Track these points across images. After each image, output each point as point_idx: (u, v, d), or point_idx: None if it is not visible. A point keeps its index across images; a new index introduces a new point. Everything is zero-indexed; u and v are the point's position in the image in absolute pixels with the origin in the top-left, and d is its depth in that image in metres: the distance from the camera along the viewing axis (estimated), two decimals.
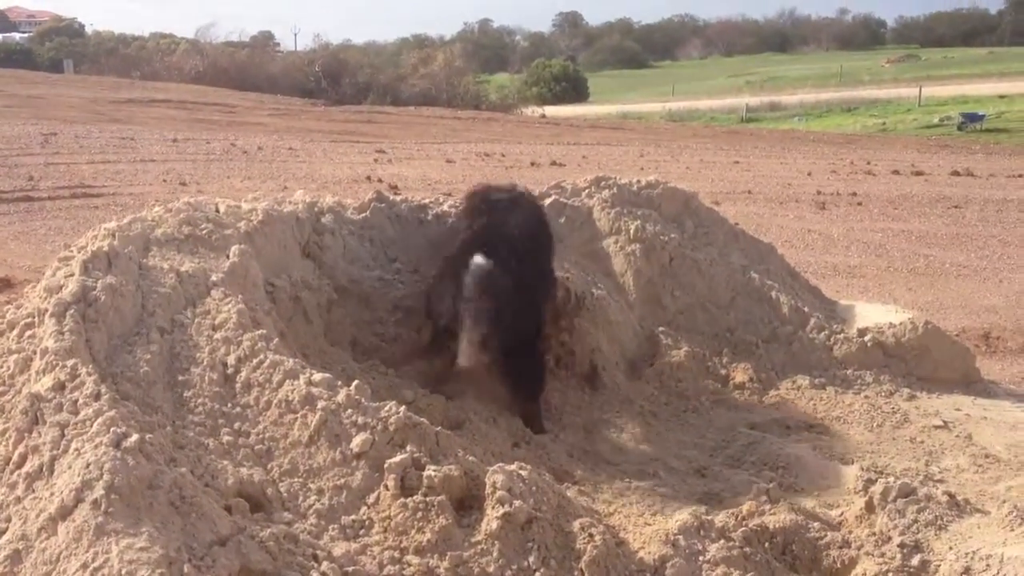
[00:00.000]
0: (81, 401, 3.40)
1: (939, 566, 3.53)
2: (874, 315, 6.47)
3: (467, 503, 3.50)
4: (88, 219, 11.69)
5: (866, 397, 5.62)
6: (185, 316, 4.16)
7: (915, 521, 3.77)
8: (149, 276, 4.31)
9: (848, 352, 5.96)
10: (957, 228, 14.46)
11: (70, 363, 3.58)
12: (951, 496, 3.96)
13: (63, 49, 60.90)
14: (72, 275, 4.16)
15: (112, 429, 3.15)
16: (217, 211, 5.23)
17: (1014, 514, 3.66)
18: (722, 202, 14.51)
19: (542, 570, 3.24)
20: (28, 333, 4.06)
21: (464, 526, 3.38)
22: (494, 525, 3.30)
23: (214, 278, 4.41)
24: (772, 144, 29.60)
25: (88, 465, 2.99)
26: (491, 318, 4.61)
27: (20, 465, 3.28)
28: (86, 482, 2.93)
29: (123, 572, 2.64)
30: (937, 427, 5.20)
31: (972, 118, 39.40)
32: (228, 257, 4.67)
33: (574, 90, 63.22)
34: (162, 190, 14.53)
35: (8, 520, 3.08)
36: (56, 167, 17.01)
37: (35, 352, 3.80)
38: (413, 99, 43.10)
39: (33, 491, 3.14)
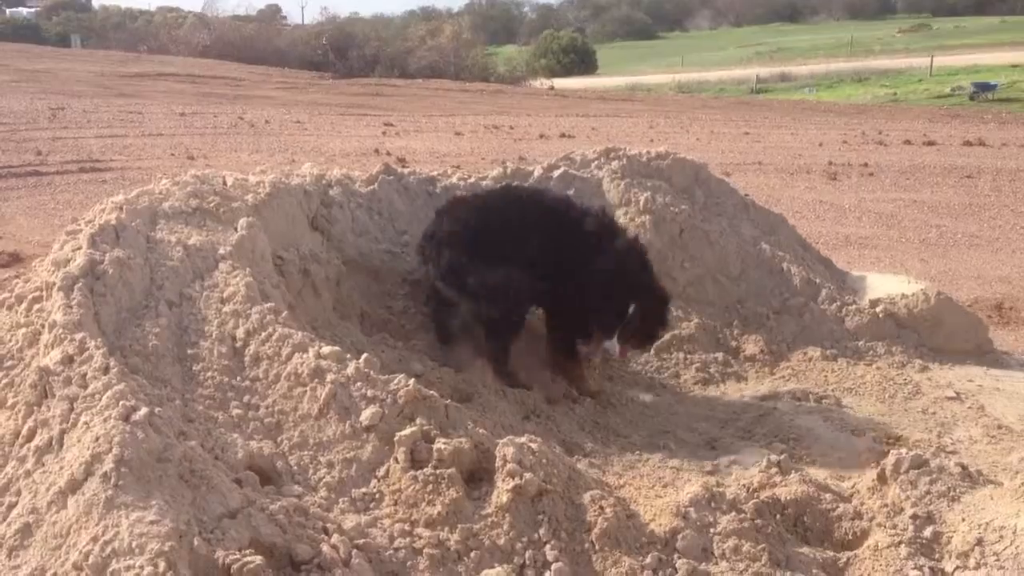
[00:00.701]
0: (90, 375, 3.39)
1: (951, 537, 3.51)
2: (886, 286, 6.43)
3: (477, 476, 3.49)
4: (97, 193, 11.69)
5: (878, 368, 5.58)
6: (193, 289, 4.14)
7: (927, 492, 3.75)
8: (157, 249, 4.29)
9: (860, 323, 5.93)
10: (969, 198, 14.37)
11: (79, 336, 3.57)
12: (964, 467, 3.93)
13: (70, 24, 60.87)
14: (80, 249, 4.14)
15: (121, 402, 3.14)
16: (224, 184, 5.20)
17: None
18: (732, 173, 14.44)
19: (552, 542, 3.23)
20: (36, 307, 4.05)
21: (474, 499, 3.37)
22: (505, 498, 3.29)
23: (222, 251, 4.39)
24: (782, 115, 29.46)
25: (97, 438, 2.98)
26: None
27: (29, 439, 3.28)
28: (95, 455, 2.92)
29: (133, 545, 2.64)
30: (949, 398, 5.17)
31: (984, 87, 39.15)
32: (236, 230, 4.65)
33: (583, 62, 62.95)
34: (170, 164, 14.53)
35: (18, 494, 3.08)
36: (64, 141, 17.02)
37: (43, 326, 3.80)
38: (421, 72, 43.00)
39: (43, 465, 3.13)
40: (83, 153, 15.83)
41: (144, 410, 3.12)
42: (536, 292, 5.01)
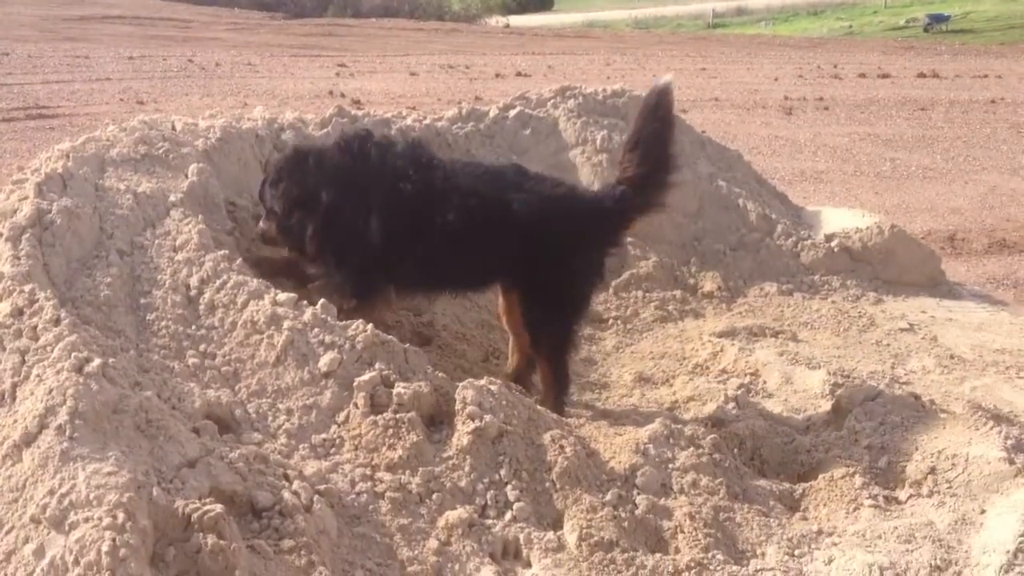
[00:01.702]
0: (41, 326, 3.33)
1: (905, 467, 3.58)
2: (841, 220, 6.48)
3: (437, 419, 3.50)
4: (45, 140, 11.43)
5: (833, 302, 5.65)
6: (145, 238, 4.07)
7: (882, 423, 3.81)
8: (106, 197, 4.21)
9: (815, 258, 5.98)
10: (923, 131, 14.48)
11: (28, 288, 3.50)
12: (917, 397, 4.00)
13: None
14: (26, 198, 4.05)
15: (74, 354, 3.10)
16: (174, 129, 5.11)
17: (979, 414, 3.71)
18: (689, 110, 14.43)
19: (514, 482, 3.25)
20: None
21: (435, 442, 3.38)
22: (465, 440, 3.30)
23: (173, 198, 4.32)
24: (739, 50, 29.41)
25: (51, 391, 2.94)
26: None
27: None
28: (49, 408, 2.88)
29: (91, 497, 2.61)
30: (903, 330, 5.26)
31: (938, 19, 39.28)
32: (187, 176, 4.57)
33: None
34: (119, 109, 14.22)
35: None
36: (9, 88, 16.58)
37: None
38: (374, 11, 42.33)
39: None
40: (29, 100, 15.45)
41: (97, 361, 3.08)
42: None
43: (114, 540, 2.46)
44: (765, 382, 4.58)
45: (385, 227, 4.05)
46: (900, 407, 3.89)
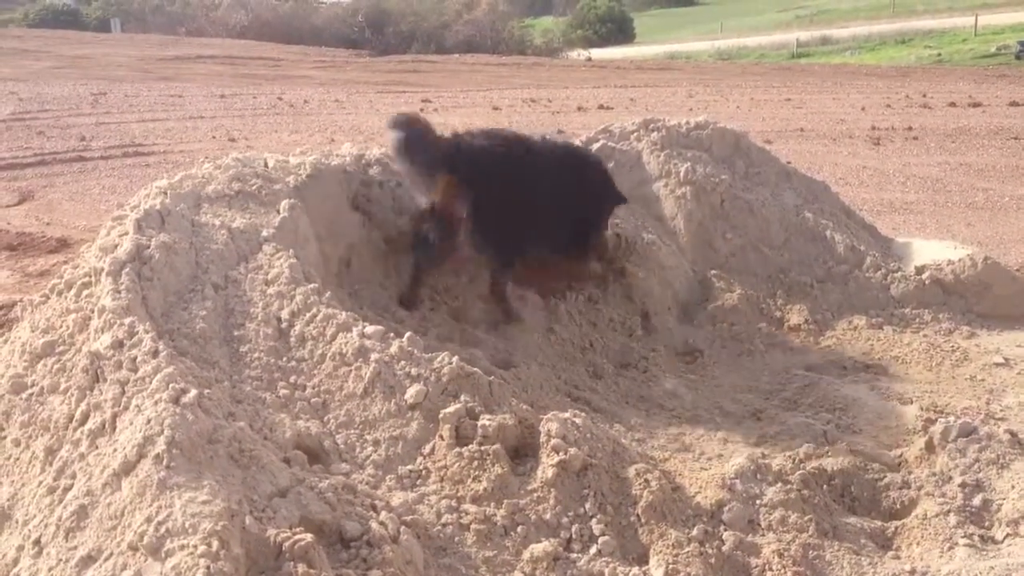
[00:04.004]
0: (140, 358, 3.45)
1: (1001, 505, 3.48)
2: (932, 252, 6.35)
3: (522, 451, 3.52)
4: (141, 177, 11.81)
5: (925, 336, 5.52)
6: (238, 272, 4.20)
7: (976, 460, 3.72)
8: (201, 233, 4.35)
9: (906, 290, 5.87)
10: (1017, 160, 14.08)
11: (127, 321, 3.63)
12: (1013, 434, 3.89)
13: (110, 8, 61.20)
14: (126, 234, 4.21)
15: (171, 385, 3.20)
16: (266, 166, 5.26)
17: None
18: (774, 141, 14.28)
19: (598, 516, 3.25)
20: (86, 292, 4.13)
21: (520, 474, 3.40)
22: (550, 473, 3.32)
23: (265, 233, 4.45)
24: (824, 79, 29.02)
25: (149, 421, 3.04)
26: None
27: (83, 422, 3.35)
28: (147, 438, 2.98)
29: (186, 525, 2.69)
30: (998, 364, 5.11)
31: None
32: (278, 212, 4.70)
33: (620, 31, 62.39)
34: (212, 146, 14.63)
35: (73, 476, 3.15)
36: (107, 127, 17.18)
37: (93, 311, 3.87)
38: (457, 46, 42.89)
39: (96, 447, 3.20)
40: (126, 138, 15.98)
41: (194, 392, 3.17)
42: None
43: (208, 568, 2.53)
44: (855, 417, 4.49)
45: None
46: (996, 444, 3.79)
